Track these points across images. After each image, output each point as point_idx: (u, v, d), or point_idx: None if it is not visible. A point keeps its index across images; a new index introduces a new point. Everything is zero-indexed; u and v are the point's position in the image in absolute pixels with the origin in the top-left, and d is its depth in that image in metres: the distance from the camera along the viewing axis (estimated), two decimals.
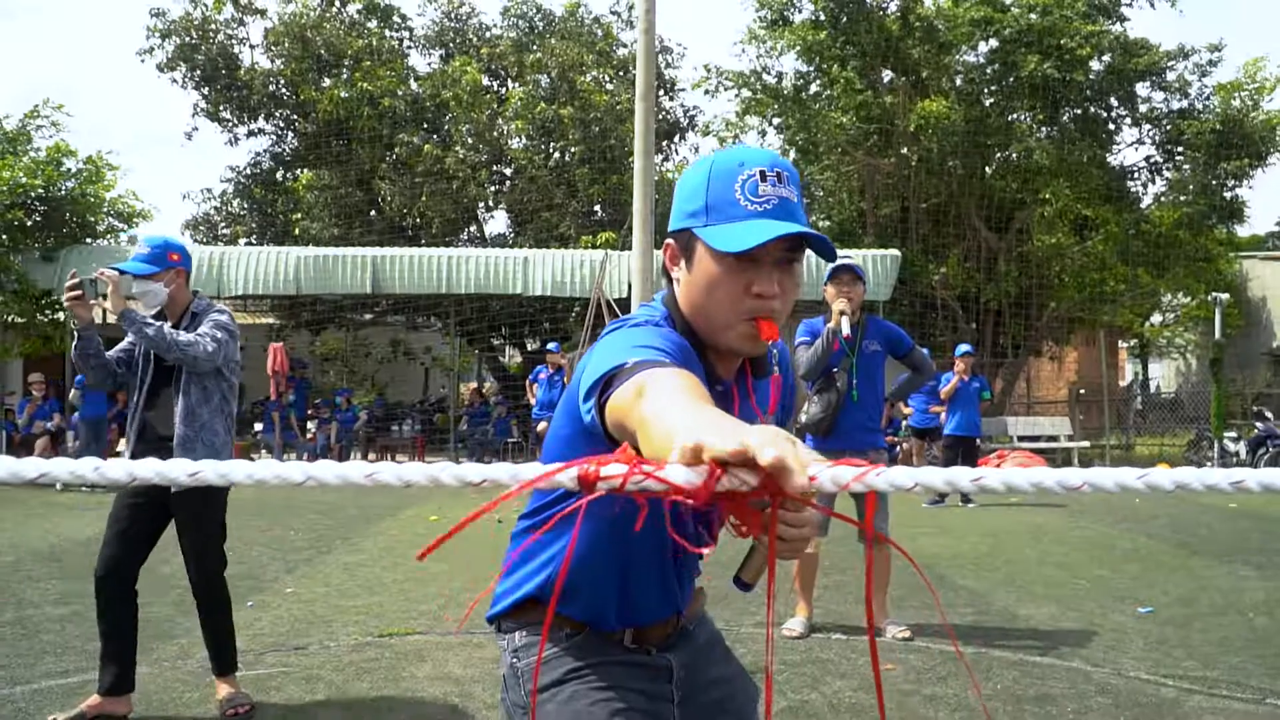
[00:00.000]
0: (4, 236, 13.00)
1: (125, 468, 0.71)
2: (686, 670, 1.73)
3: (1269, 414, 15.22)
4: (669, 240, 1.58)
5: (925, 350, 5.68)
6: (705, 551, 1.02)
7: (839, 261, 4.70)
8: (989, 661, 4.44)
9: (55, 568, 6.71)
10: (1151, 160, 17.55)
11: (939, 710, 3.73)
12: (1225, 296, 15.61)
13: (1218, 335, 15.71)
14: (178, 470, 0.71)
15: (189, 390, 3.61)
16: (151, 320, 3.59)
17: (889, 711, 3.80)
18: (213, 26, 19.65)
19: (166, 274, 3.71)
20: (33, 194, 13.20)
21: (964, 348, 11.60)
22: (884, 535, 0.95)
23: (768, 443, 0.72)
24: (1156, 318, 27.97)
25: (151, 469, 0.71)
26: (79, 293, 3.53)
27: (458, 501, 10.69)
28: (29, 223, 13.30)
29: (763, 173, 1.47)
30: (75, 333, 3.68)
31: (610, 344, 1.41)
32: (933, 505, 10.75)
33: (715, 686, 1.76)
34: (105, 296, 3.60)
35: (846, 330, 4.63)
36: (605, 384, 1.25)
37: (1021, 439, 16.09)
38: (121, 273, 3.63)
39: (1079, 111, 16.94)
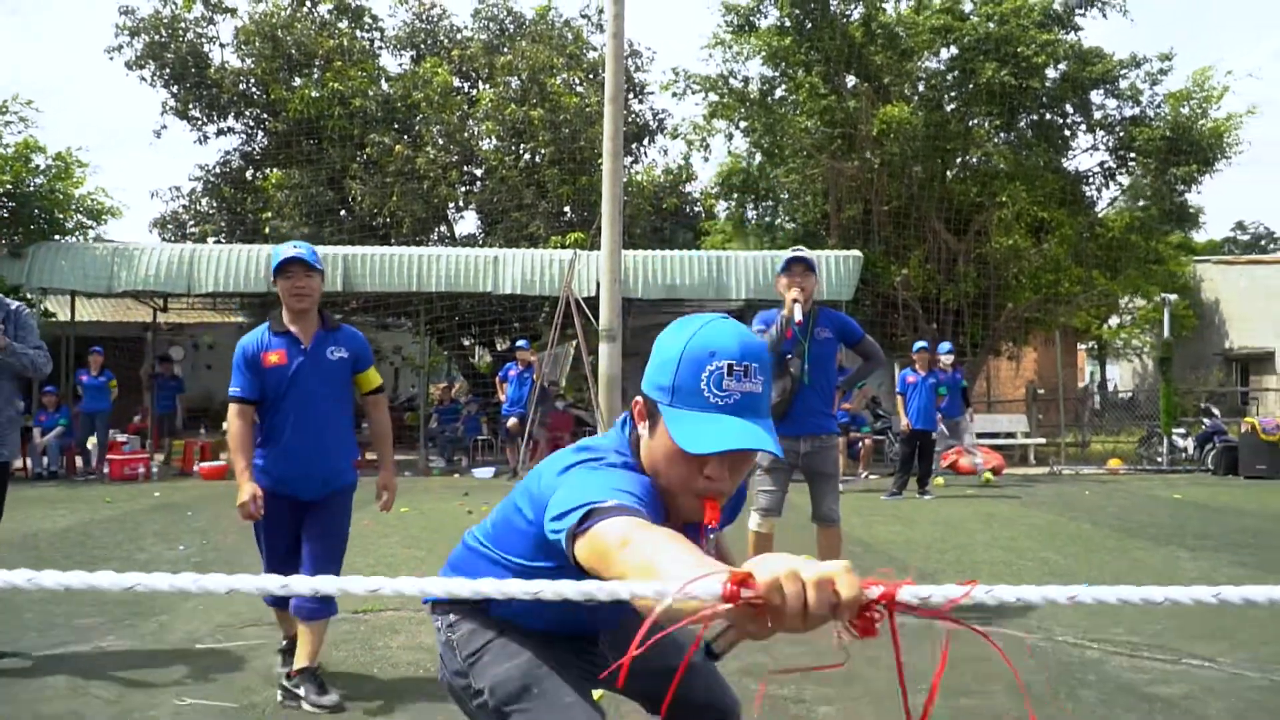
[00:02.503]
0: None
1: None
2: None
3: (1216, 411, 15.75)
4: (639, 398, 1.70)
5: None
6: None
7: (791, 254, 5.02)
8: (932, 630, 4.75)
9: (32, 555, 6.86)
10: (1105, 165, 18.05)
11: (879, 670, 4.03)
12: (1174, 298, 16.14)
13: (1166, 335, 16.22)
14: None
15: None
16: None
17: (844, 672, 4.10)
18: (182, 25, 19.67)
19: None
20: (0, 190, 13.24)
21: (920, 344, 12.03)
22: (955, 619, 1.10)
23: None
24: (1114, 320, 28.54)
25: None
26: None
27: (427, 496, 10.92)
28: None
29: (730, 366, 1.57)
30: None
31: (587, 477, 1.56)
32: (890, 498, 11.09)
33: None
34: None
35: (799, 317, 4.80)
36: (582, 517, 1.40)
37: (980, 436, 16.50)
38: None
39: (1035, 117, 17.41)
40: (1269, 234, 56.69)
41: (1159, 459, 15.46)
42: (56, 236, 14.80)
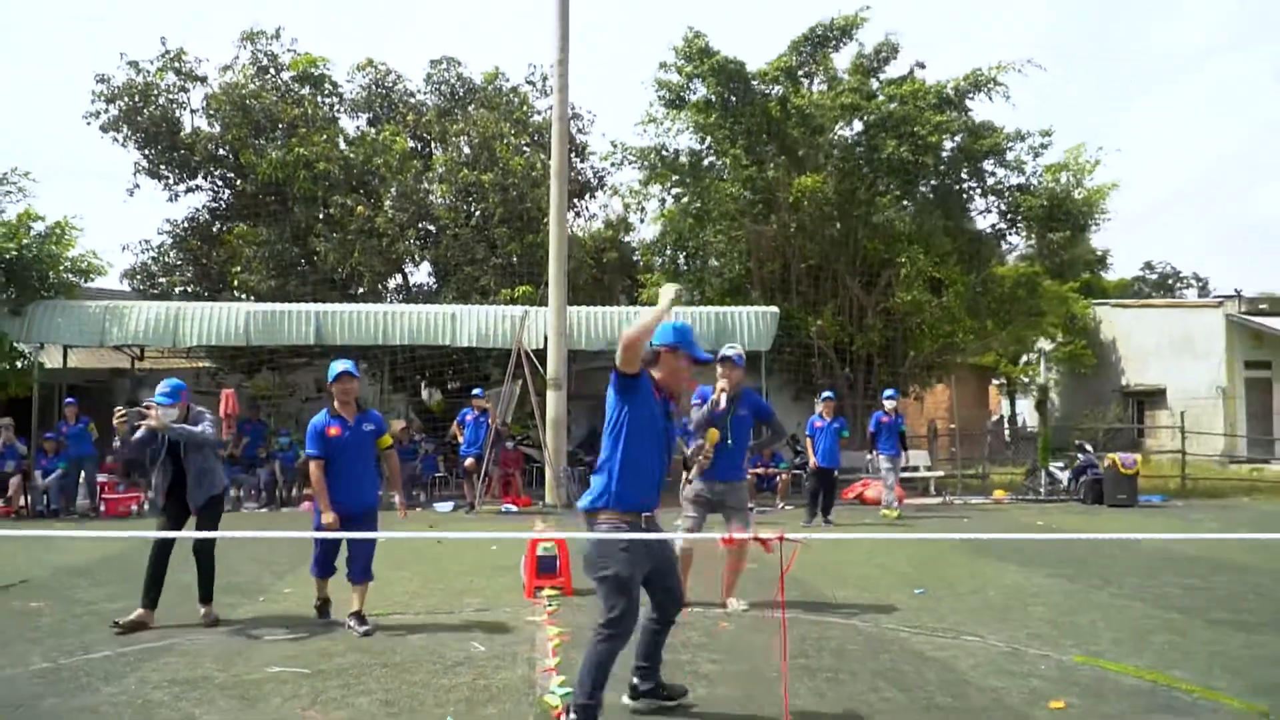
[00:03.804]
0: None
1: None
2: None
3: (1089, 447, 17.94)
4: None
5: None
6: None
7: (726, 352, 6.96)
8: (798, 623, 6.56)
9: (109, 573, 8.39)
10: (996, 227, 20.32)
11: (772, 655, 5.82)
12: (1049, 347, 18.34)
13: (1041, 380, 18.46)
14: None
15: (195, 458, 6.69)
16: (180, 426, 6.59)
17: (730, 649, 5.88)
18: (155, 91, 21.10)
19: (182, 403, 6.70)
20: (7, 256, 14.63)
21: (826, 394, 13.96)
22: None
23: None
24: (1024, 358, 30.77)
25: None
26: (123, 418, 6.64)
27: (395, 529, 12.45)
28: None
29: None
30: (130, 434, 6.67)
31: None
32: (805, 525, 12.92)
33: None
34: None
35: (724, 404, 6.91)
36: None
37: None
38: (161, 404, 6.56)
39: (934, 183, 19.60)
40: (1175, 273, 60.02)
41: (1040, 490, 17.59)
42: (45, 294, 16.14)
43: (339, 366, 6.72)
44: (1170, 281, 59.22)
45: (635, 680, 4.67)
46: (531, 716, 4.56)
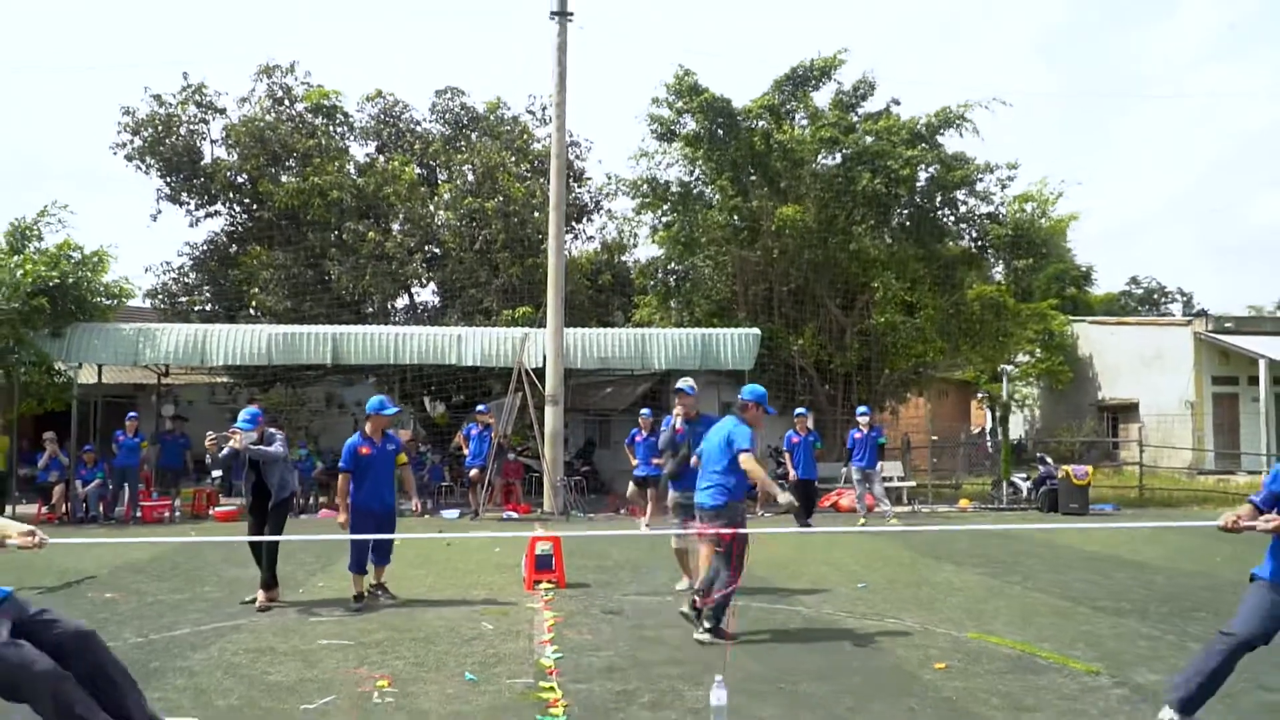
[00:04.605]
0: (27, 319, 15.72)
1: None
2: None
3: (1049, 459, 19.26)
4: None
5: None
6: None
7: (680, 385, 8.46)
8: (749, 609, 7.89)
9: (153, 572, 9.74)
10: (967, 252, 21.69)
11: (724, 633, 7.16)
12: (1012, 368, 19.75)
13: (1004, 397, 19.83)
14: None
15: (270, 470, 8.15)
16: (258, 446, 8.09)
17: (684, 631, 7.21)
18: (177, 121, 22.49)
19: (259, 427, 8.16)
20: (50, 283, 15.98)
21: (799, 410, 15.31)
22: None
23: None
24: (1013, 369, 32.03)
25: None
26: (214, 441, 8.27)
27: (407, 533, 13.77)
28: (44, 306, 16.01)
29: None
30: (218, 452, 8.30)
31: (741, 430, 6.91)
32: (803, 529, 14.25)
33: None
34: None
35: (680, 425, 8.54)
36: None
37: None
38: (243, 429, 8.13)
39: (907, 212, 20.97)
40: (1160, 288, 61.17)
41: (1003, 499, 18.92)
42: (81, 317, 17.47)
43: (376, 406, 8.51)
44: (1155, 296, 60.01)
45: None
46: (531, 674, 5.89)
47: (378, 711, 5.14)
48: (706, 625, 6.77)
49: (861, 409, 16.09)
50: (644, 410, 14.82)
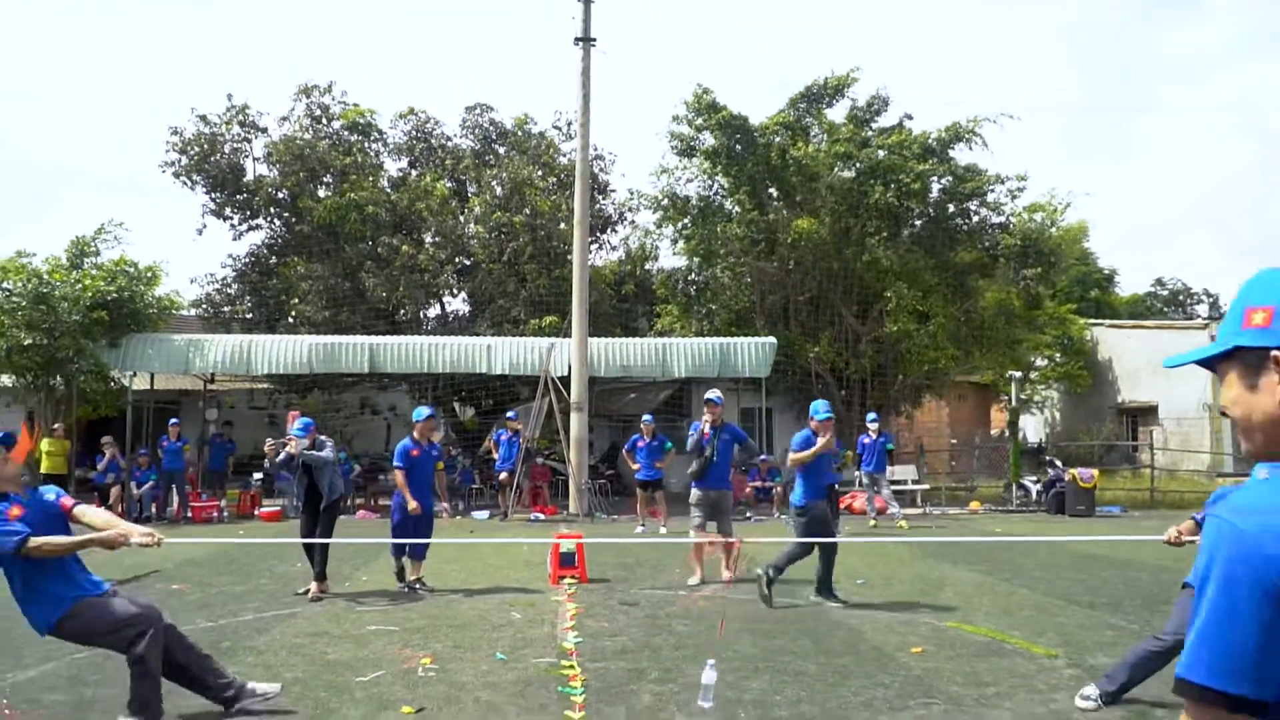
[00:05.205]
0: (87, 331, 16.83)
1: None
2: None
3: (1058, 462, 19.89)
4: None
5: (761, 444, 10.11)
6: None
7: (709, 395, 9.45)
8: (754, 601, 8.68)
9: (214, 567, 10.68)
10: (979, 260, 22.33)
11: (729, 621, 7.98)
12: (1018, 375, 20.39)
13: (1013, 402, 20.47)
14: None
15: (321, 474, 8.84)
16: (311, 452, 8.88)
17: (699, 616, 8.01)
18: (221, 141, 23.60)
19: (311, 435, 8.93)
20: (108, 297, 17.07)
21: (871, 416, 16.10)
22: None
23: None
24: (1025, 376, 32.55)
25: None
26: (273, 447, 9.18)
27: (441, 533, 14.66)
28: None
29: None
30: (275, 457, 9.15)
31: None
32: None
33: None
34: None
35: (707, 430, 9.52)
36: None
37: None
38: (297, 437, 8.97)
39: (919, 223, 21.66)
40: (1186, 289, 61.08)
41: (1013, 501, 19.57)
42: (133, 329, 18.55)
43: (424, 413, 9.81)
44: (1181, 298, 59.87)
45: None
46: (554, 654, 6.72)
47: (422, 683, 5.99)
48: (771, 575, 8.47)
49: (871, 415, 16.80)
50: (646, 417, 15.54)
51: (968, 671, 6.27)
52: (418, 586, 9.31)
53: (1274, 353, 1.46)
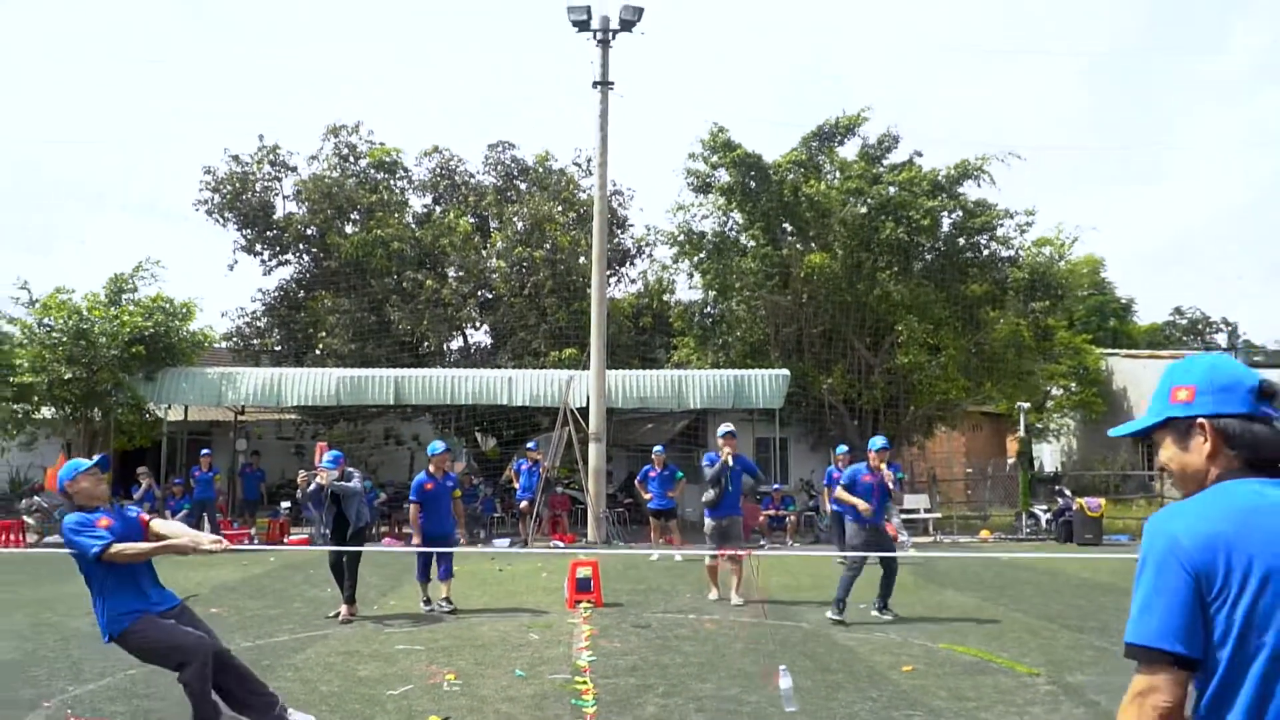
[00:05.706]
0: (125, 365, 17.60)
1: None
2: None
3: (1068, 491, 20.22)
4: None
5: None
6: None
7: (724, 430, 10.12)
8: (760, 623, 9.17)
9: (243, 593, 11.27)
10: (989, 293, 22.78)
11: (735, 642, 8.47)
12: (1027, 405, 20.82)
13: (1021, 433, 20.86)
14: None
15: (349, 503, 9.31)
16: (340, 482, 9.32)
17: (706, 638, 8.51)
18: (253, 179, 24.47)
19: (340, 466, 9.41)
20: (145, 333, 17.84)
21: (841, 448, 16.53)
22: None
23: None
24: (1028, 406, 32.90)
25: None
26: (305, 479, 9.74)
27: (463, 561, 15.19)
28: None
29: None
30: (306, 488, 9.64)
31: None
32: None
33: None
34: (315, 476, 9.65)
35: (730, 461, 10.26)
36: None
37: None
38: (327, 469, 9.44)
39: (929, 257, 22.16)
40: (1204, 318, 61.04)
41: (1023, 530, 19.91)
42: (168, 363, 19.30)
43: (439, 447, 10.43)
44: (1199, 326, 59.84)
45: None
46: (569, 671, 7.25)
47: (448, 697, 6.53)
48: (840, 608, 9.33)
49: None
50: (657, 448, 16.02)
51: (952, 687, 6.74)
52: (443, 605, 9.89)
53: (1199, 420, 1.97)
